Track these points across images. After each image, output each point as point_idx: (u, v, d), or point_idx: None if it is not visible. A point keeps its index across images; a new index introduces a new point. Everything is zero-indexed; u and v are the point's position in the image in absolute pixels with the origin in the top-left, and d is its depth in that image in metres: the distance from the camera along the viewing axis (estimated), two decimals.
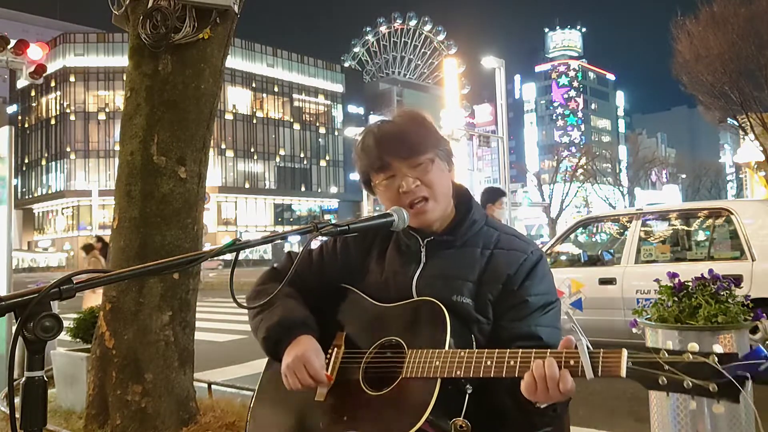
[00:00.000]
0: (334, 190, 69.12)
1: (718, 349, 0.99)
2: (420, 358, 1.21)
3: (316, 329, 1.37)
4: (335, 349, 1.36)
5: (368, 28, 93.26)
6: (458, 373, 1.17)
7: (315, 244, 1.50)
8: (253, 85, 63.32)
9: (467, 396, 1.19)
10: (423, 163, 1.34)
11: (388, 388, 1.24)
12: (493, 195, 5.64)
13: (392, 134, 1.35)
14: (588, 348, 1.07)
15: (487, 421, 1.24)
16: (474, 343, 1.27)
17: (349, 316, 1.40)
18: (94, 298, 10.08)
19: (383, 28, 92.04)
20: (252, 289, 1.49)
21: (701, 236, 7.28)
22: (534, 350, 1.13)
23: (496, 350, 1.17)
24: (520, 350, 1.15)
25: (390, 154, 1.34)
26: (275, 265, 1.54)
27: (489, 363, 1.15)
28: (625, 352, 1.04)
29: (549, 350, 1.12)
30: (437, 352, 1.20)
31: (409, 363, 1.23)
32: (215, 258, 1.16)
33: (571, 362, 1.08)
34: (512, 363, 1.14)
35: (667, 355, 1.01)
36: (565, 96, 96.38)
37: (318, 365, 1.30)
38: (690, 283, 3.02)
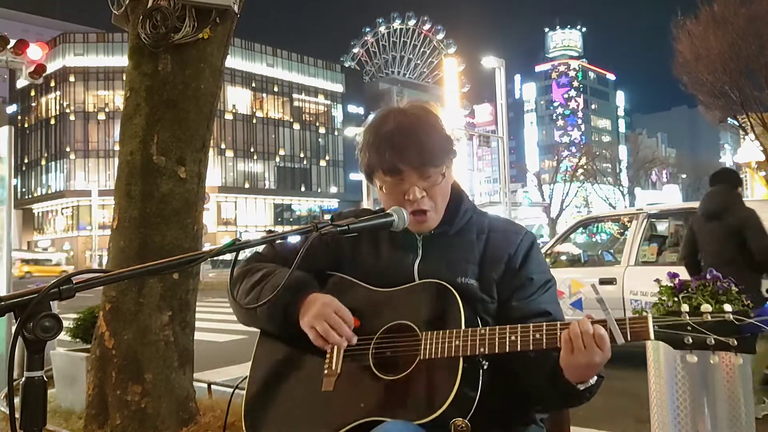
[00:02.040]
0: (334, 190, 69.09)
1: (728, 308, 1.11)
2: (437, 339, 1.22)
3: (321, 290, 1.36)
4: None
5: (367, 29, 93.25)
6: (482, 350, 1.19)
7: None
8: (253, 84, 63.27)
9: (482, 371, 1.22)
10: (433, 176, 1.33)
11: (405, 371, 1.22)
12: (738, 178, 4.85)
13: (408, 139, 1.29)
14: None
15: (494, 403, 1.24)
16: (480, 324, 1.28)
17: (349, 304, 1.35)
18: None
19: (382, 29, 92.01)
20: (237, 271, 1.42)
21: None
22: (559, 323, 1.19)
23: (519, 325, 1.20)
24: (545, 323, 1.19)
25: (403, 161, 1.30)
26: (258, 250, 1.48)
27: (513, 338, 1.19)
28: (650, 317, 1.12)
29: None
30: (455, 331, 1.21)
31: (425, 344, 1.22)
32: (214, 258, 1.16)
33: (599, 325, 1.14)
34: (538, 336, 1.18)
35: (688, 317, 1.11)
36: (565, 96, 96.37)
37: (347, 311, 1.29)
38: (691, 283, 3.03)
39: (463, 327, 1.22)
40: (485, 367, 1.22)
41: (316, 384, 1.30)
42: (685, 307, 1.13)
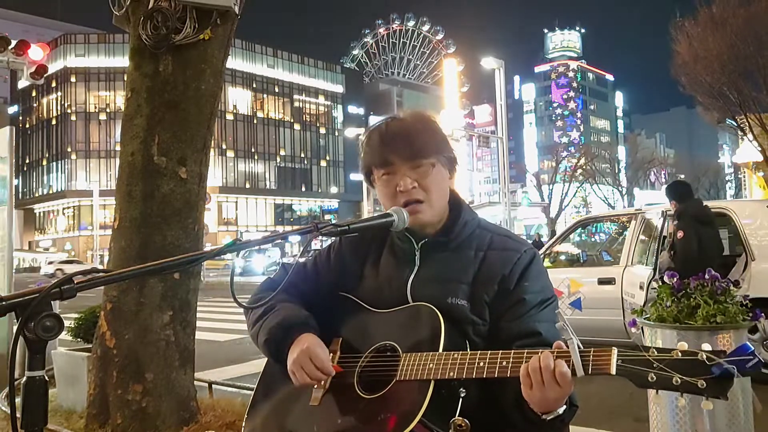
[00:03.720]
0: (334, 190, 69.08)
1: (706, 347, 1.00)
2: (414, 361, 1.23)
3: (317, 328, 1.39)
4: (331, 354, 1.37)
5: (366, 30, 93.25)
6: (451, 374, 1.18)
7: (315, 247, 1.51)
8: (254, 85, 63.27)
9: (461, 400, 1.20)
10: (424, 166, 1.35)
11: (382, 391, 1.25)
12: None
13: (398, 133, 1.37)
14: (579, 347, 1.08)
15: (486, 426, 1.25)
16: (468, 346, 1.28)
17: (345, 323, 1.41)
18: None
19: (381, 30, 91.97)
20: (251, 297, 1.50)
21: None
22: (526, 350, 1.15)
23: (489, 351, 1.19)
24: (513, 351, 1.17)
25: (393, 153, 1.36)
26: (271, 276, 1.57)
27: (482, 364, 1.17)
28: (615, 351, 1.06)
29: (540, 350, 1.13)
30: (431, 354, 1.22)
31: (403, 366, 1.24)
32: (217, 258, 1.18)
33: (563, 359, 1.09)
34: (504, 363, 1.15)
35: (656, 352, 1.02)
36: (565, 96, 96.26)
37: (324, 357, 1.32)
38: (689, 283, 3.03)
39: (440, 351, 1.22)
40: (463, 395, 1.20)
41: (307, 398, 1.35)
42: (659, 343, 1.05)
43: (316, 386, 1.34)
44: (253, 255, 35.61)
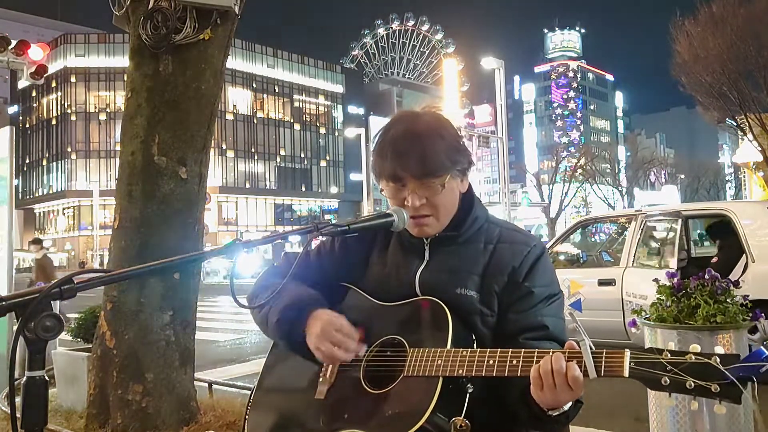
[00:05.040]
0: (334, 190, 69.06)
1: (719, 350, 1.00)
2: (422, 357, 1.22)
3: (327, 306, 1.35)
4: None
5: (366, 31, 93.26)
6: (460, 372, 1.17)
7: (315, 244, 1.50)
8: (254, 85, 63.24)
9: (468, 395, 1.19)
10: (435, 185, 1.31)
11: (389, 386, 1.24)
12: None
13: (411, 148, 1.29)
14: (591, 348, 1.08)
15: (489, 423, 1.24)
16: (475, 340, 1.27)
17: (350, 315, 1.38)
18: None
19: (381, 30, 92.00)
20: (254, 287, 1.47)
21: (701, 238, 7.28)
22: (537, 350, 1.15)
23: (499, 350, 1.18)
24: (523, 350, 1.16)
25: (404, 169, 1.30)
26: (275, 263, 1.53)
27: (491, 362, 1.16)
28: (628, 353, 1.05)
29: (552, 351, 1.13)
30: (439, 351, 1.21)
31: (410, 361, 1.23)
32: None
33: (575, 362, 1.09)
34: (514, 362, 1.15)
35: (669, 355, 1.02)
36: (564, 96, 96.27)
37: (347, 324, 1.29)
38: (689, 283, 3.03)
39: (448, 347, 1.21)
40: (470, 390, 1.19)
41: (312, 392, 1.33)
42: (670, 345, 1.04)
43: (321, 379, 1.32)
44: (240, 256, 33.84)
